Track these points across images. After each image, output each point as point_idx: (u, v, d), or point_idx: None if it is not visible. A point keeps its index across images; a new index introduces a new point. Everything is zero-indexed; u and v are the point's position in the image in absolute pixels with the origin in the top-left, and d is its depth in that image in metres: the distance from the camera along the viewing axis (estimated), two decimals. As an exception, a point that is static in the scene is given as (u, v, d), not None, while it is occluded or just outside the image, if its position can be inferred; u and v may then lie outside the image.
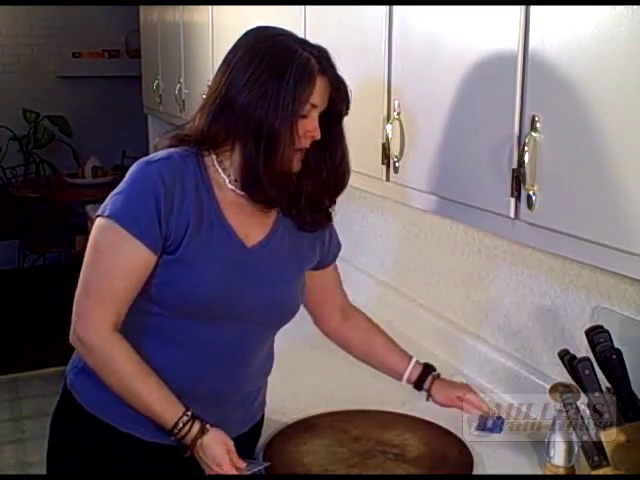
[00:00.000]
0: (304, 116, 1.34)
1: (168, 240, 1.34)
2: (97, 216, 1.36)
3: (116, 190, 1.37)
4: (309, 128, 1.35)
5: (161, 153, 1.39)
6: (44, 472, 1.56)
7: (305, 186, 1.44)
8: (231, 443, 1.36)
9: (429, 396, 1.60)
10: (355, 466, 1.47)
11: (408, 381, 1.62)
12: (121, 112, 5.97)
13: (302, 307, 1.58)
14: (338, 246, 1.63)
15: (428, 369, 1.63)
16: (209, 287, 1.37)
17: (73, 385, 1.49)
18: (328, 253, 1.58)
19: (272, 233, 1.45)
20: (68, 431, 1.51)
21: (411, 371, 1.61)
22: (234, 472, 1.34)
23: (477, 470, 1.49)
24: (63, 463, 1.53)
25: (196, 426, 1.34)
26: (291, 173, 1.39)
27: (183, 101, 3.31)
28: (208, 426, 1.35)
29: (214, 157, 1.40)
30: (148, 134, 4.78)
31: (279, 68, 1.32)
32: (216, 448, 1.35)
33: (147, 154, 1.46)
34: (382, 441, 1.56)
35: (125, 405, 1.42)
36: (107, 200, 1.37)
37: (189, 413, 1.35)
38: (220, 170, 1.40)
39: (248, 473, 1.36)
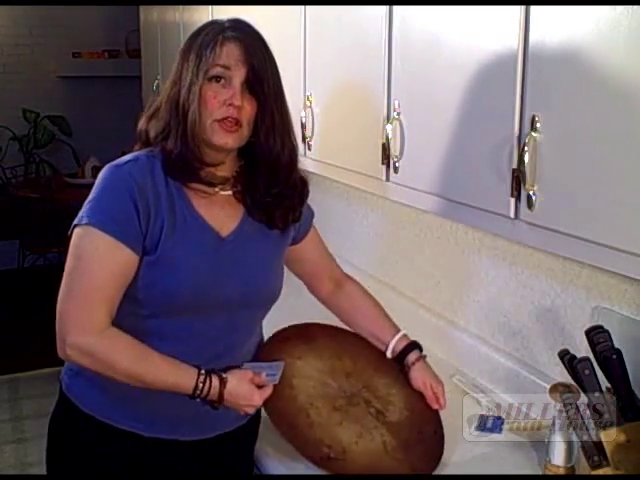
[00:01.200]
0: (216, 79, 1.35)
1: (146, 240, 1.35)
2: (74, 226, 1.36)
3: (89, 198, 1.38)
4: (227, 95, 1.36)
5: (127, 157, 1.42)
6: (44, 472, 1.56)
7: (258, 175, 1.45)
8: (249, 372, 1.41)
9: (408, 371, 1.61)
10: (339, 410, 1.48)
11: (393, 352, 1.63)
12: (121, 112, 5.96)
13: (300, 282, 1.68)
14: (311, 213, 1.65)
15: (415, 345, 1.64)
16: (192, 282, 1.38)
17: (69, 388, 1.50)
18: (300, 226, 1.60)
19: (244, 221, 1.47)
20: (67, 434, 1.52)
21: (397, 342, 1.64)
22: (262, 399, 1.39)
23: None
24: (63, 467, 1.53)
25: (215, 380, 1.37)
26: (219, 147, 1.39)
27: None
28: (224, 375, 1.38)
29: None
30: (148, 134, 4.77)
31: (190, 48, 1.39)
32: (241, 388, 1.38)
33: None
34: (370, 386, 1.55)
35: (123, 403, 1.43)
36: (82, 209, 1.37)
37: (203, 371, 1.37)
38: None
39: (270, 383, 1.41)
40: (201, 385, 1.35)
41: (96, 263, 1.33)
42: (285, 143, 1.44)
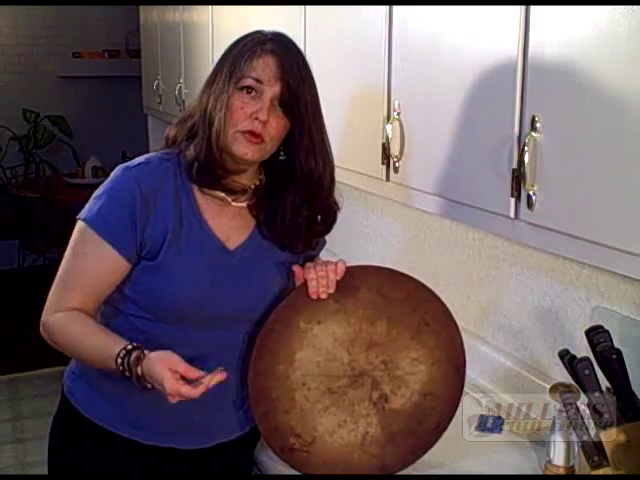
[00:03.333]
0: (247, 90, 1.32)
1: (144, 247, 1.35)
2: (77, 218, 1.38)
3: (96, 193, 1.39)
4: (255, 109, 1.32)
5: (140, 158, 1.41)
6: (44, 472, 1.56)
7: (287, 194, 1.41)
8: (175, 358, 1.24)
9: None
10: (334, 393, 1.43)
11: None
12: (121, 112, 5.96)
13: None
14: (324, 242, 1.60)
15: None
16: (191, 290, 1.37)
17: (70, 391, 1.50)
18: (314, 250, 1.55)
19: (253, 236, 1.44)
20: (67, 438, 1.52)
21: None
22: (183, 391, 1.21)
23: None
24: (64, 469, 1.53)
25: (134, 355, 1.26)
26: (237, 158, 1.35)
27: (183, 101, 3.31)
28: (147, 352, 1.26)
29: None
30: (148, 134, 4.77)
31: (226, 56, 1.38)
32: (155, 369, 1.23)
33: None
34: (391, 362, 1.45)
35: (122, 409, 1.43)
36: (88, 203, 1.39)
37: (129, 347, 1.28)
38: None
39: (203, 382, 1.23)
40: (120, 360, 1.27)
41: (80, 259, 1.37)
42: (327, 164, 1.42)
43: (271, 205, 1.43)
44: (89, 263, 1.36)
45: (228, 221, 1.42)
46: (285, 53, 1.35)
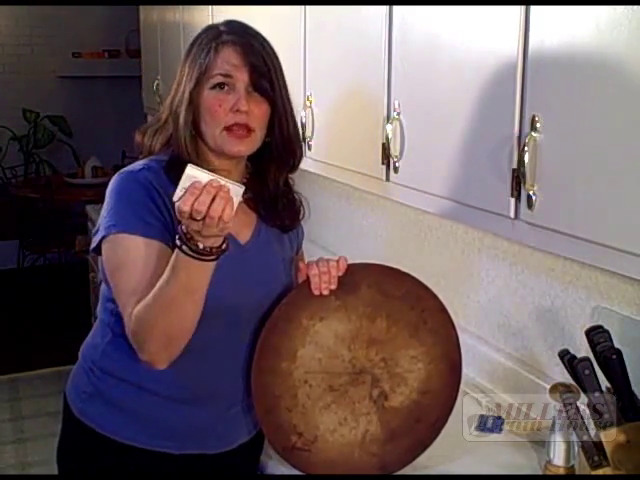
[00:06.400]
0: (220, 86, 1.33)
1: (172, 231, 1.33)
2: (102, 239, 1.32)
3: (107, 207, 1.34)
4: (233, 102, 1.33)
5: (139, 164, 1.40)
6: (44, 472, 1.55)
7: (268, 172, 1.46)
8: None
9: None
10: (335, 390, 1.43)
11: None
12: (121, 112, 5.96)
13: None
14: (303, 234, 1.65)
15: None
16: (215, 286, 1.36)
17: (83, 412, 1.45)
18: (299, 241, 1.61)
19: (258, 230, 1.47)
20: (84, 460, 1.47)
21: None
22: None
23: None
24: None
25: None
26: (231, 156, 1.37)
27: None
28: None
29: None
30: (148, 134, 4.77)
31: (186, 58, 1.38)
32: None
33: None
34: (391, 359, 1.46)
35: (149, 423, 1.40)
36: (101, 222, 1.34)
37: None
38: None
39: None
40: (178, 241, 1.18)
41: (134, 267, 1.30)
42: (297, 129, 1.46)
43: (261, 188, 1.46)
44: (145, 268, 1.28)
45: (234, 217, 1.42)
46: (241, 39, 1.36)
